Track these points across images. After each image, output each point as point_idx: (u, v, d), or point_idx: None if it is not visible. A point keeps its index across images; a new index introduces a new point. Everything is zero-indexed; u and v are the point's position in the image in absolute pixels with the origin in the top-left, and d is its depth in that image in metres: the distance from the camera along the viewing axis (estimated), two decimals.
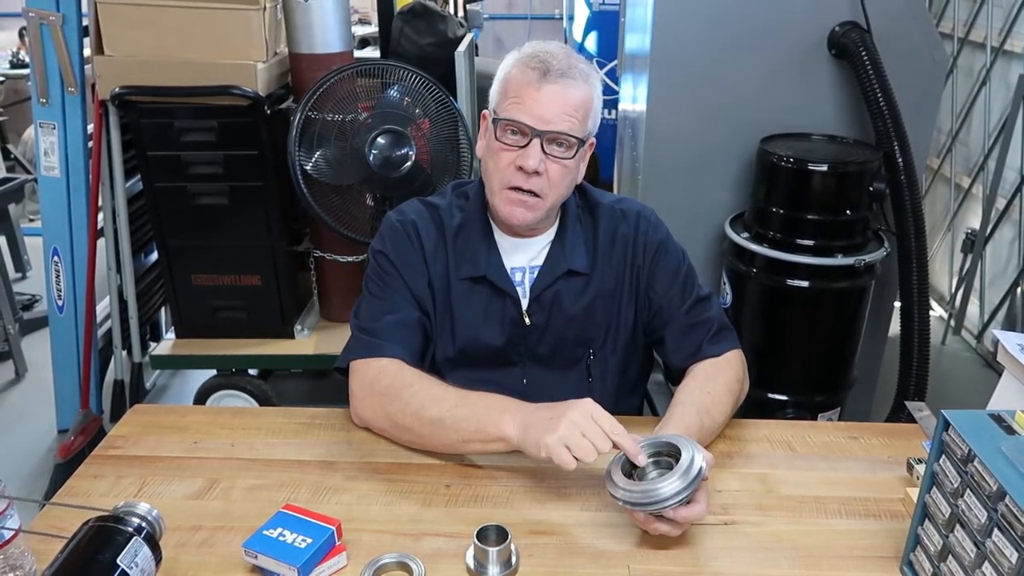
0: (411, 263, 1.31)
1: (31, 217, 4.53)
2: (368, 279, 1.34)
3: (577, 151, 1.23)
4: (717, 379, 1.28)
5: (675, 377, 1.36)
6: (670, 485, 0.96)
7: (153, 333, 2.99)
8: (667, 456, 1.03)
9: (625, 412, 1.40)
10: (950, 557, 0.88)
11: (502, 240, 1.32)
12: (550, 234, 1.33)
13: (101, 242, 2.53)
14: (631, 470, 1.04)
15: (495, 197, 1.26)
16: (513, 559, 0.97)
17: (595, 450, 1.02)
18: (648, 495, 0.97)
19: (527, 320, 1.32)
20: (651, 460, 1.04)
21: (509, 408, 1.12)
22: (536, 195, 1.23)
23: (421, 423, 1.17)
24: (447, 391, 1.19)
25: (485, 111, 1.28)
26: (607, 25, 4.49)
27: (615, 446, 1.03)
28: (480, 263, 1.31)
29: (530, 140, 1.19)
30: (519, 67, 1.21)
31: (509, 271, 1.32)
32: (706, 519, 1.04)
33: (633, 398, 1.45)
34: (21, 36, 5.02)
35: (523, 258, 1.33)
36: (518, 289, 1.32)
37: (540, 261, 1.33)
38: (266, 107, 2.31)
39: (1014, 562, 0.77)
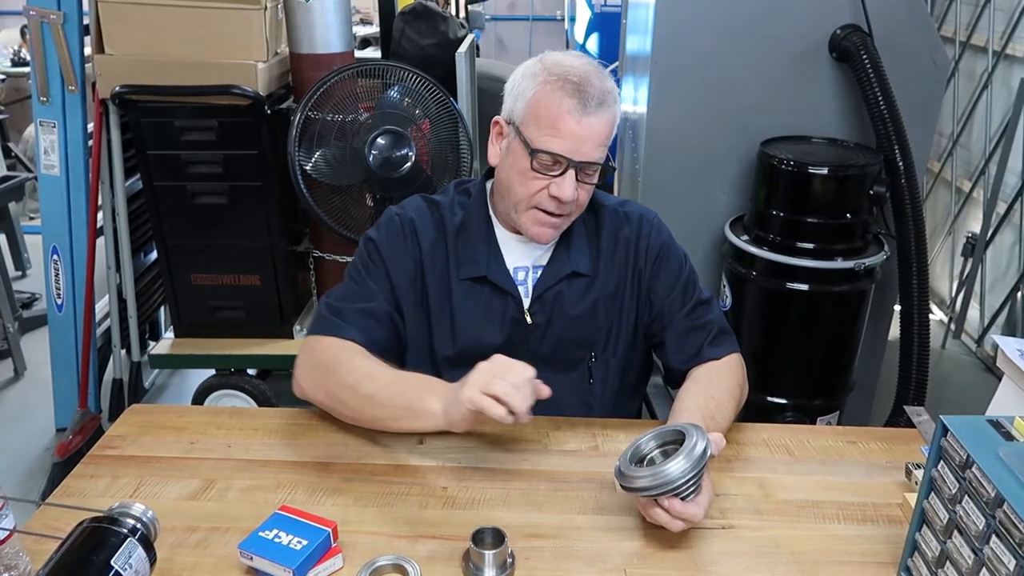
0: (399, 259, 1.31)
1: (31, 215, 4.53)
2: (352, 263, 1.35)
3: (602, 171, 1.23)
4: (719, 383, 1.28)
5: (675, 380, 1.36)
6: (676, 466, 0.96)
7: (152, 332, 2.99)
8: (674, 444, 1.04)
9: (625, 415, 1.40)
10: (948, 563, 0.87)
11: (506, 239, 1.32)
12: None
13: (101, 241, 2.53)
14: (640, 462, 1.04)
15: (521, 216, 1.26)
16: (509, 562, 0.97)
17: (513, 389, 1.03)
18: (657, 477, 0.97)
19: (528, 319, 1.31)
20: (659, 450, 1.05)
21: (437, 388, 1.15)
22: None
23: (355, 398, 1.20)
24: (383, 370, 1.22)
25: (498, 118, 1.27)
26: (608, 27, 4.50)
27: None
28: (481, 263, 1.31)
29: (565, 169, 1.19)
30: (551, 90, 1.18)
31: (512, 270, 1.32)
32: (704, 523, 1.03)
33: (633, 401, 1.45)
34: (22, 34, 5.02)
35: (527, 257, 1.33)
36: (520, 288, 1.32)
37: (544, 261, 1.33)
38: (266, 107, 2.31)
39: (1012, 569, 0.77)
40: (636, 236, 1.34)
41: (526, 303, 1.32)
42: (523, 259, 1.33)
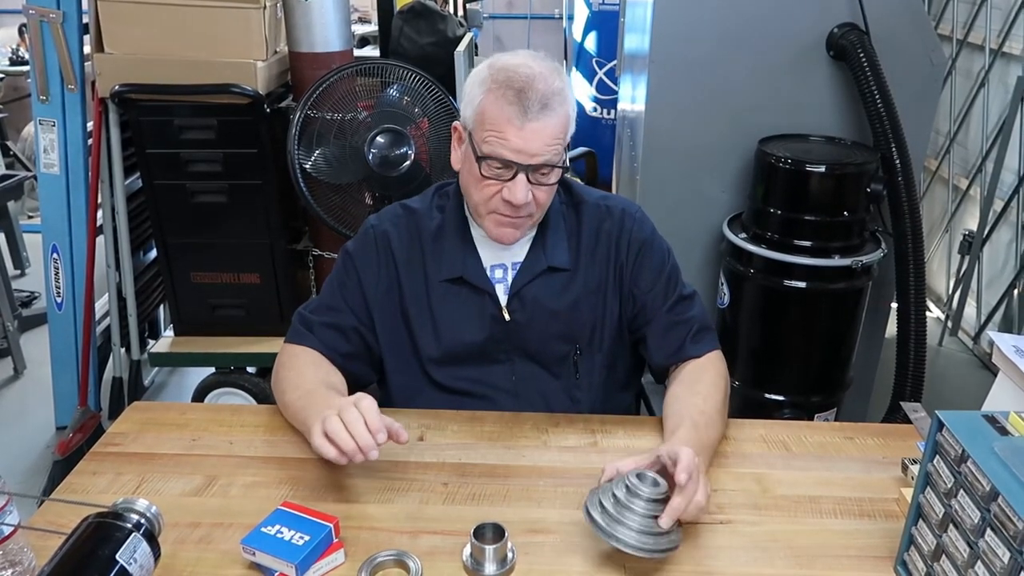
0: (372, 272, 1.34)
1: (30, 214, 4.53)
2: (330, 275, 1.38)
3: (561, 171, 1.23)
4: (708, 391, 1.26)
5: (658, 375, 1.37)
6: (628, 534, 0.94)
7: (152, 331, 3.00)
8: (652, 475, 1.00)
9: (616, 410, 1.40)
10: (943, 557, 0.88)
11: (483, 238, 1.33)
12: (532, 230, 1.34)
13: (100, 239, 2.53)
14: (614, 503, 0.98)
15: (483, 220, 1.27)
16: (510, 557, 0.98)
17: (348, 437, 1.02)
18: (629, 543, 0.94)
19: (507, 316, 1.32)
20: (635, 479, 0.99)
21: (321, 409, 1.11)
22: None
23: (282, 404, 1.28)
24: (304, 380, 1.25)
25: (456, 123, 1.27)
26: (607, 25, 4.50)
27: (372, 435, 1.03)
28: (457, 264, 1.32)
29: (515, 174, 1.19)
30: (495, 98, 1.18)
31: (490, 269, 1.33)
32: (702, 518, 1.04)
33: (624, 395, 1.46)
34: (21, 33, 5.02)
35: (505, 255, 1.34)
36: (499, 286, 1.33)
37: (521, 258, 1.33)
38: (266, 105, 2.31)
39: (1006, 562, 0.78)
40: (618, 230, 1.35)
41: (504, 300, 1.33)
42: (500, 257, 1.34)
